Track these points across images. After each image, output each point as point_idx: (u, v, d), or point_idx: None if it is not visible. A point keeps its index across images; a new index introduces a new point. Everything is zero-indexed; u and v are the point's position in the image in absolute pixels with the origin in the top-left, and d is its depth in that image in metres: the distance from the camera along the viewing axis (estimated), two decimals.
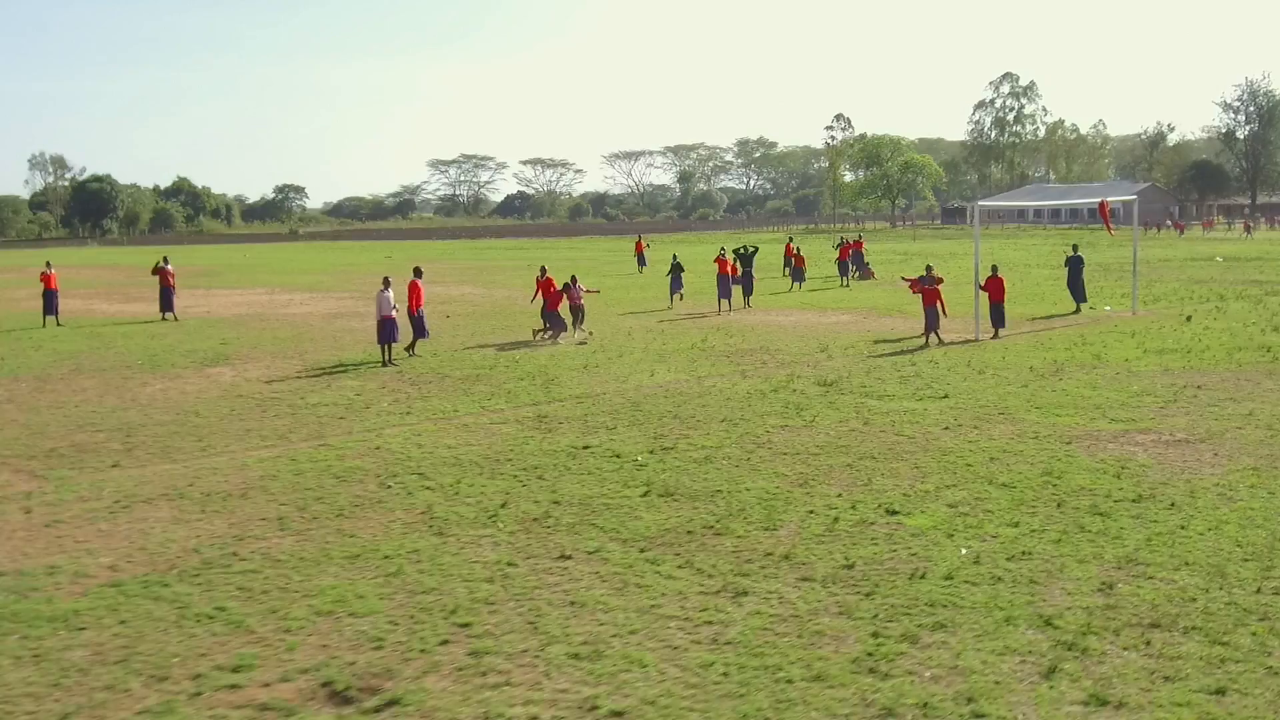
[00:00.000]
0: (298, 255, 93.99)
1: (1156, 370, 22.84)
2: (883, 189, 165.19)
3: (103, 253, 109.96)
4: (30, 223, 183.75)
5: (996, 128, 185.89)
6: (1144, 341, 27.22)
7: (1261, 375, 22.08)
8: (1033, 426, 17.57)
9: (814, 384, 22.05)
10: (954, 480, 14.39)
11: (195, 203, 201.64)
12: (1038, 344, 27.29)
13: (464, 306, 40.84)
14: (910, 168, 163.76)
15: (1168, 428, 17.36)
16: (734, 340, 29.01)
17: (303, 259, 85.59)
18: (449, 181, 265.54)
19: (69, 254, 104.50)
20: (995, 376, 22.52)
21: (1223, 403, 19.30)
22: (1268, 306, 35.00)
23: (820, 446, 16.45)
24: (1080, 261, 34.93)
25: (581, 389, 21.85)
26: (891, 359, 25.48)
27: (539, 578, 10.87)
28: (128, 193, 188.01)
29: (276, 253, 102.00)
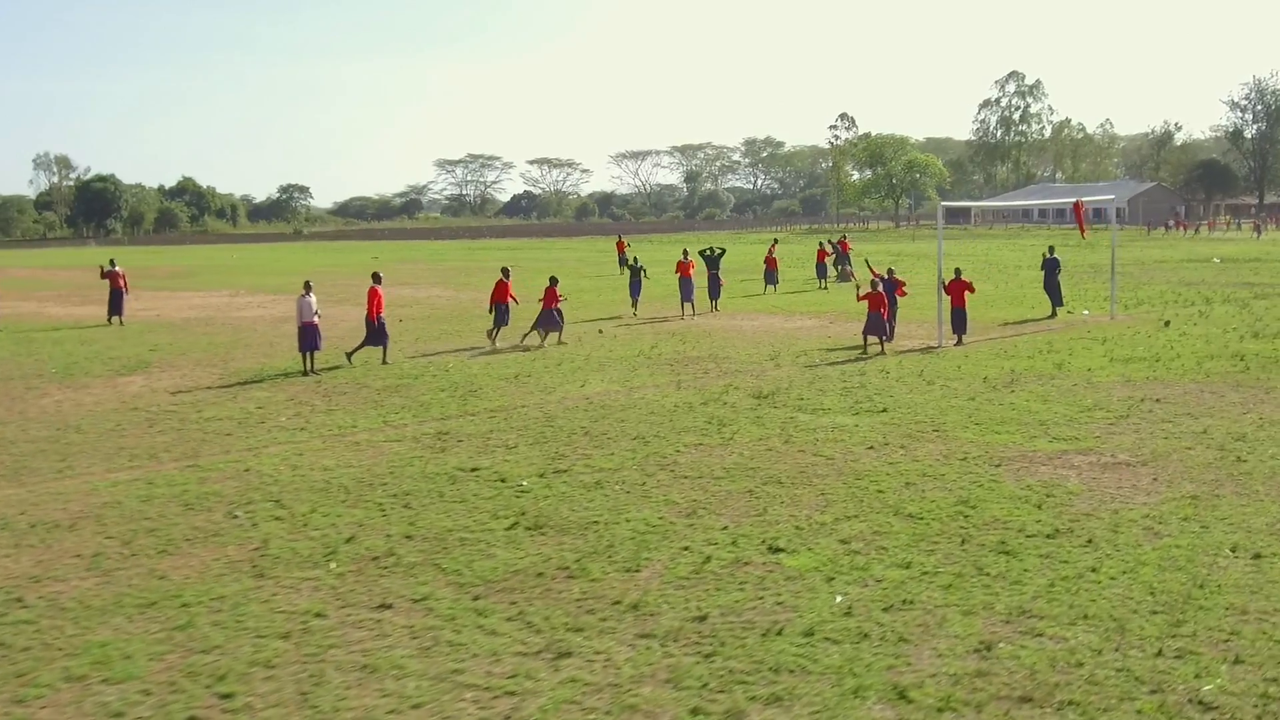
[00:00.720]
0: (288, 256, 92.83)
1: (1118, 381, 21.40)
2: (886, 189, 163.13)
3: (99, 253, 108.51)
4: (36, 222, 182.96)
5: (1002, 127, 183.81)
6: (1113, 349, 25.75)
7: (1228, 387, 20.57)
8: (965, 446, 16.15)
9: (748, 396, 20.65)
10: (857, 510, 12.93)
11: (200, 203, 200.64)
12: (1000, 351, 25.83)
13: (424, 310, 39.51)
14: (914, 167, 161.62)
15: (1111, 447, 15.92)
16: (684, 347, 27.60)
17: (290, 260, 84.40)
18: (456, 181, 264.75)
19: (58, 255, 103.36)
20: (944, 388, 21.08)
21: (1178, 418, 17.85)
22: (1253, 311, 33.45)
23: (728, 469, 15.01)
24: (1056, 264, 33.47)
25: (501, 401, 20.44)
26: (842, 368, 24.34)
27: (343, 633, 9.46)
28: (132, 193, 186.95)
29: (267, 253, 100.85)
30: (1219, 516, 12.50)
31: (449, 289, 49.30)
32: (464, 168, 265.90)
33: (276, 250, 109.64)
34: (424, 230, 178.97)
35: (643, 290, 36.67)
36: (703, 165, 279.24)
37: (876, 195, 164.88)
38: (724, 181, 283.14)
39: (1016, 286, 43.51)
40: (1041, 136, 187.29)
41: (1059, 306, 33.57)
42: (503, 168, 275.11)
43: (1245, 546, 11.38)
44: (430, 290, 49.03)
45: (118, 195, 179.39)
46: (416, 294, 47.10)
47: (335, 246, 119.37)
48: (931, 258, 64.86)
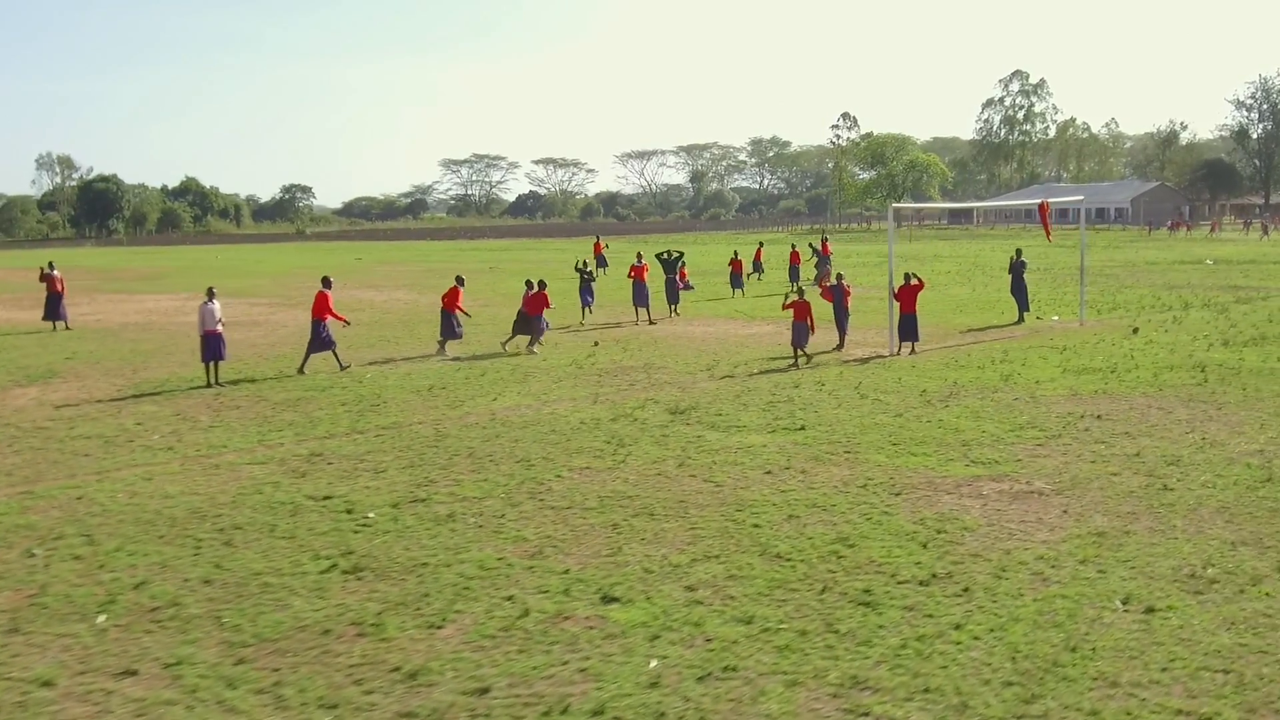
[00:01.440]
0: (273, 256, 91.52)
1: (1063, 395, 20.02)
2: (888, 189, 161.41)
3: (93, 254, 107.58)
4: (39, 223, 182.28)
5: (1006, 126, 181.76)
6: (1070, 359, 24.35)
7: (1179, 402, 19.17)
8: (872, 470, 14.79)
9: (664, 411, 19.28)
10: (722, 548, 11.52)
11: (203, 203, 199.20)
12: (951, 361, 24.48)
13: (375, 314, 38.12)
14: (915, 167, 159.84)
15: (1030, 472, 14.53)
16: (623, 356, 26.28)
17: (273, 261, 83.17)
18: (461, 181, 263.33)
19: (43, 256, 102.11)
20: (875, 403, 19.66)
21: (1114, 438, 16.44)
22: (1230, 316, 31.97)
23: (603, 498, 13.63)
24: (1023, 267, 31.82)
25: (399, 417, 19.08)
26: (778, 379, 23.22)
27: (59, 708, 8.03)
28: (134, 193, 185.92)
29: (254, 254, 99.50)
30: (1122, 558, 11.05)
31: (414, 292, 47.75)
32: (469, 168, 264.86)
33: (267, 251, 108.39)
34: (427, 230, 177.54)
35: (595, 296, 34.82)
36: (708, 165, 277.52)
37: (878, 195, 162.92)
38: (730, 181, 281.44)
39: (995, 290, 42.07)
40: (1046, 136, 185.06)
41: (1025, 312, 31.95)
42: (508, 168, 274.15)
43: (1140, 597, 9.95)
44: (394, 293, 47.73)
45: (119, 195, 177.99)
46: (378, 297, 45.86)
47: (329, 247, 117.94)
48: (920, 259, 63.40)
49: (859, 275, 53.00)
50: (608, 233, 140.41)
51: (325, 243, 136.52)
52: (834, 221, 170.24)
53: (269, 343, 30.00)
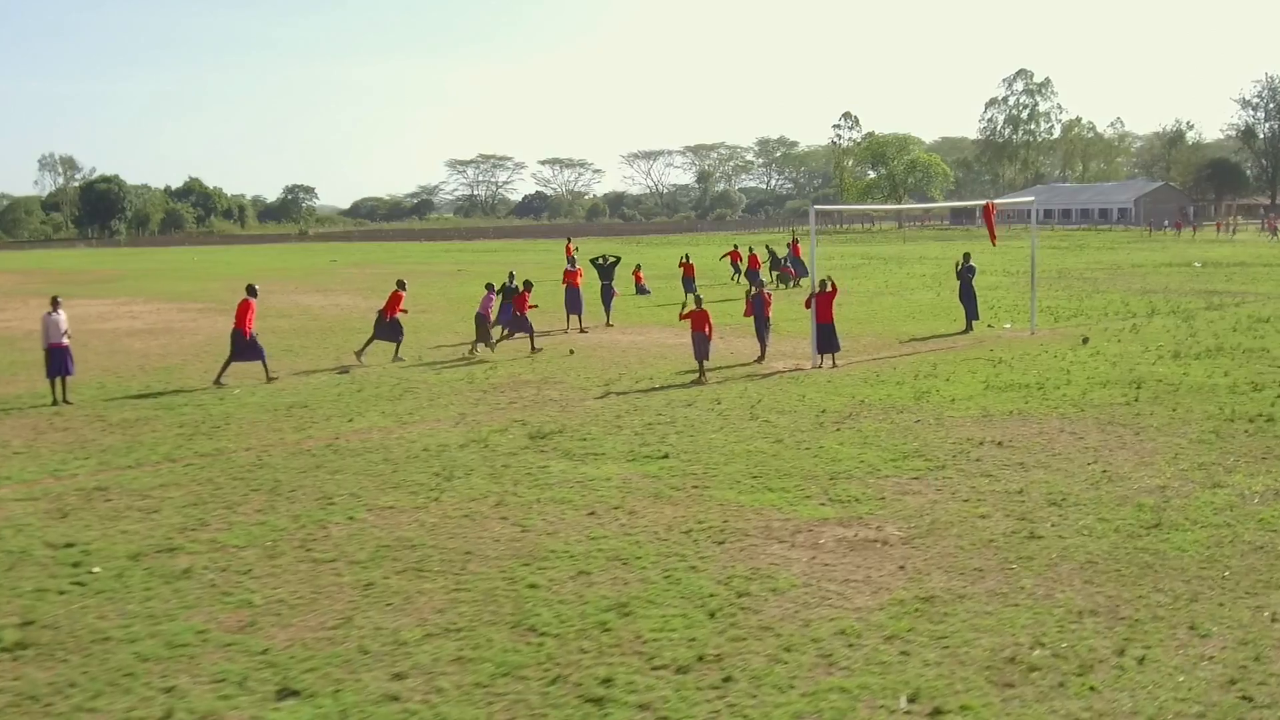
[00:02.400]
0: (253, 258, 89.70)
1: (973, 416, 18.19)
2: (889, 189, 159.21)
3: (78, 255, 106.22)
4: (43, 223, 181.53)
5: (1010, 126, 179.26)
6: (1000, 373, 22.41)
7: (1097, 425, 17.38)
8: (710, 511, 12.96)
9: (525, 436, 17.24)
10: (472, 618, 9.81)
11: (206, 203, 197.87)
12: (871, 375, 22.70)
13: (299, 321, 36.17)
14: (916, 167, 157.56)
15: (890, 514, 12.69)
16: (524, 369, 24.56)
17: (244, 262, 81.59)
18: (467, 182, 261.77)
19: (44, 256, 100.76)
20: (763, 425, 17.79)
21: (1005, 469, 14.57)
22: (1194, 324, 29.97)
23: (383, 547, 12.06)
24: (971, 272, 29.72)
25: (231, 443, 17.27)
26: (674, 394, 21.47)
27: None
28: (136, 193, 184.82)
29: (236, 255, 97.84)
30: (938, 634, 9.11)
31: (361, 297, 45.84)
32: (475, 168, 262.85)
33: (253, 252, 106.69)
34: (432, 231, 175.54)
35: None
36: (715, 165, 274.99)
37: (879, 195, 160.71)
38: (737, 182, 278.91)
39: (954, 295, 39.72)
40: (1050, 136, 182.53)
41: (974, 320, 29.86)
42: (514, 168, 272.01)
43: (932, 693, 8.06)
44: (338, 298, 45.77)
45: (121, 196, 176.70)
46: (318, 302, 44.01)
47: (322, 248, 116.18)
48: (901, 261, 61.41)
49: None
50: (613, 234, 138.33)
51: (324, 243, 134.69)
52: (836, 223, 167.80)
53: (163, 354, 28.21)
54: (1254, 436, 16.40)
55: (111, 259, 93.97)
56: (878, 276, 53.07)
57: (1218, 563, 10.88)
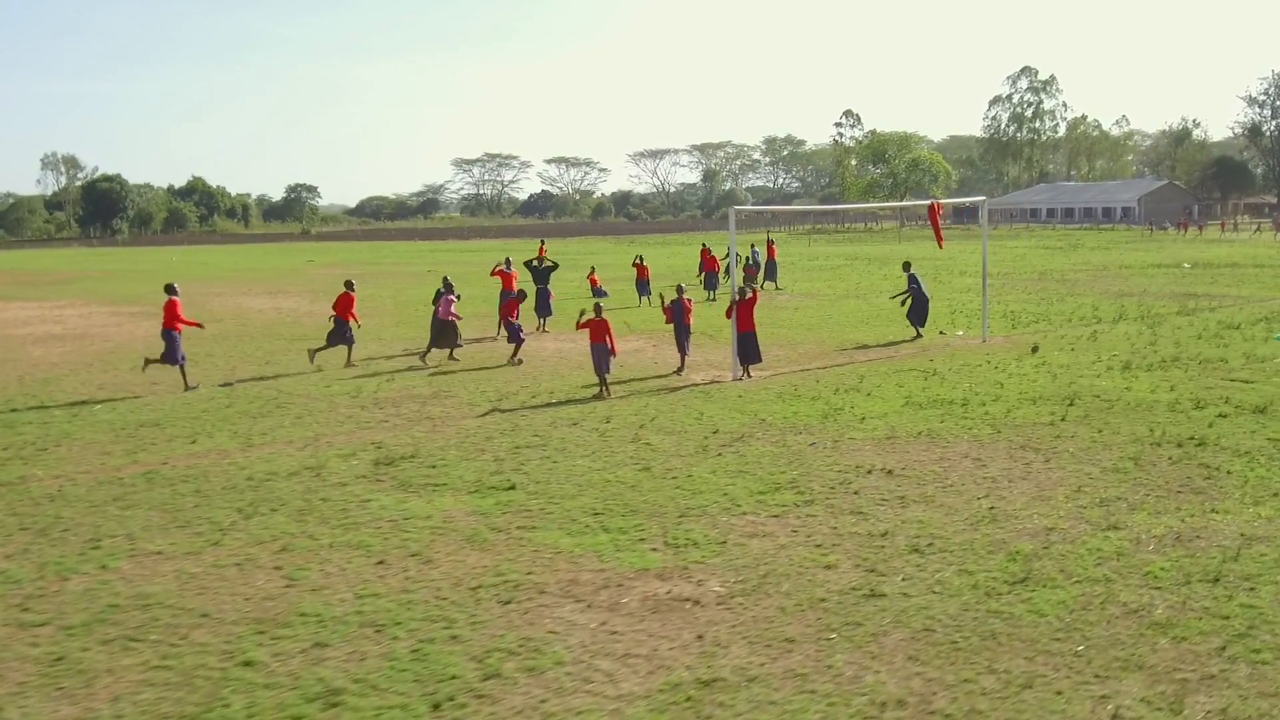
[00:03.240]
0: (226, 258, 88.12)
1: (875, 439, 16.86)
2: (890, 187, 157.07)
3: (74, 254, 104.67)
4: (46, 222, 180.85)
5: (1014, 124, 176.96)
6: (928, 387, 20.79)
7: (1008, 449, 15.82)
8: (520, 559, 11.56)
9: (372, 461, 15.40)
10: (145, 711, 7.63)
11: (209, 202, 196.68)
12: (788, 389, 21.27)
13: (233, 326, 34.56)
14: (918, 165, 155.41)
15: (723, 562, 11.21)
16: (422, 383, 22.90)
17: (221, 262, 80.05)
18: (473, 181, 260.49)
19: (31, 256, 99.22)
20: (641, 448, 16.12)
21: (882, 505, 12.99)
22: (1158, 331, 28.22)
23: (114, 607, 10.62)
24: (915, 282, 27.72)
25: (46, 468, 16.03)
26: (561, 412, 19.73)
27: None
28: (138, 192, 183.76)
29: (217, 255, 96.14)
30: None
31: (312, 300, 44.14)
32: (481, 167, 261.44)
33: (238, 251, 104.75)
34: (436, 230, 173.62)
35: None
36: (722, 164, 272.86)
37: (881, 194, 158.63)
38: (744, 180, 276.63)
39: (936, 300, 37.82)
40: (1055, 134, 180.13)
41: (922, 327, 27.89)
42: (520, 167, 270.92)
43: None
44: (287, 301, 44.01)
45: (123, 195, 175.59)
46: (261, 305, 42.31)
47: (317, 247, 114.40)
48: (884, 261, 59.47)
49: (805, 281, 49.07)
50: (618, 232, 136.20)
51: (323, 243, 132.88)
52: (838, 221, 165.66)
53: (57, 363, 26.83)
54: (1176, 464, 14.50)
55: (94, 259, 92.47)
56: (853, 278, 51.24)
57: (1076, 632, 9.00)
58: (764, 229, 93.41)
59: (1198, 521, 12.07)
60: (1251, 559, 10.76)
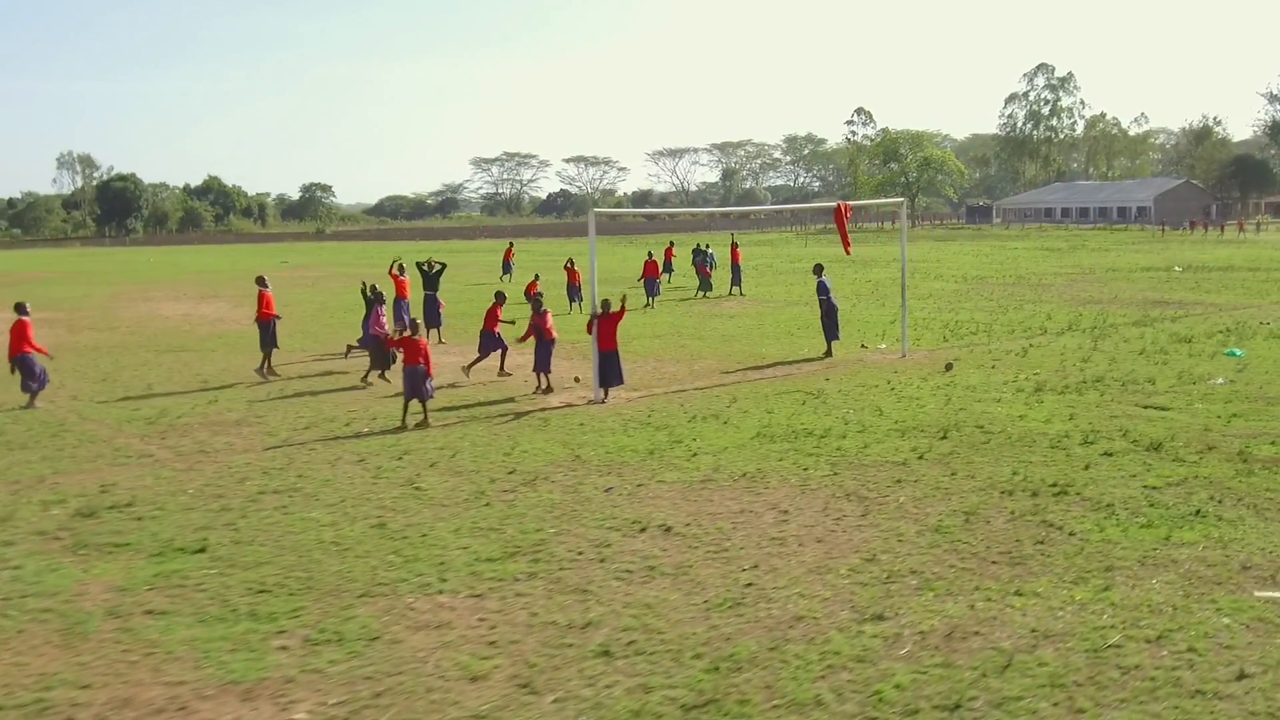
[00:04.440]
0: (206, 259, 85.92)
1: (691, 481, 14.59)
2: (901, 186, 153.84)
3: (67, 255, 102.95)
4: (64, 221, 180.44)
5: (1030, 122, 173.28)
6: (796, 413, 18.92)
7: (831, 497, 13.73)
8: (84, 667, 9.40)
9: (71, 513, 13.19)
10: None
11: (225, 202, 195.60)
12: (637, 417, 19.12)
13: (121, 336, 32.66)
14: (930, 164, 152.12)
15: (339, 674, 8.99)
16: (240, 407, 20.62)
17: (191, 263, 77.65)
18: (492, 180, 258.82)
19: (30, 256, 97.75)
20: (407, 495, 14.12)
21: (606, 585, 10.92)
22: (1101, 345, 26.25)
23: None
24: (825, 290, 24.95)
25: None
26: (362, 445, 17.28)
27: None
28: (153, 192, 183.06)
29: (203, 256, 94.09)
30: None
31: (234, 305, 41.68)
32: (500, 166, 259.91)
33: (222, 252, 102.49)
34: (454, 229, 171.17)
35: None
36: (742, 162, 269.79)
37: (893, 193, 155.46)
38: (765, 179, 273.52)
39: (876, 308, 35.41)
40: (1073, 132, 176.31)
41: (834, 340, 25.14)
42: (539, 166, 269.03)
43: None
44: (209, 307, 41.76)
45: (138, 195, 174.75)
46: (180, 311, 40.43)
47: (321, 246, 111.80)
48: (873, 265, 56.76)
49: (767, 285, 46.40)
50: (635, 231, 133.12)
51: (336, 242, 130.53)
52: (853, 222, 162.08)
53: None
54: (1014, 522, 11.84)
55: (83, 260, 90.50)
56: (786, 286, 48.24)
57: None
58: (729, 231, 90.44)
59: (990, 608, 9.44)
60: (1021, 673, 8.16)
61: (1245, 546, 11.07)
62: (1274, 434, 16.07)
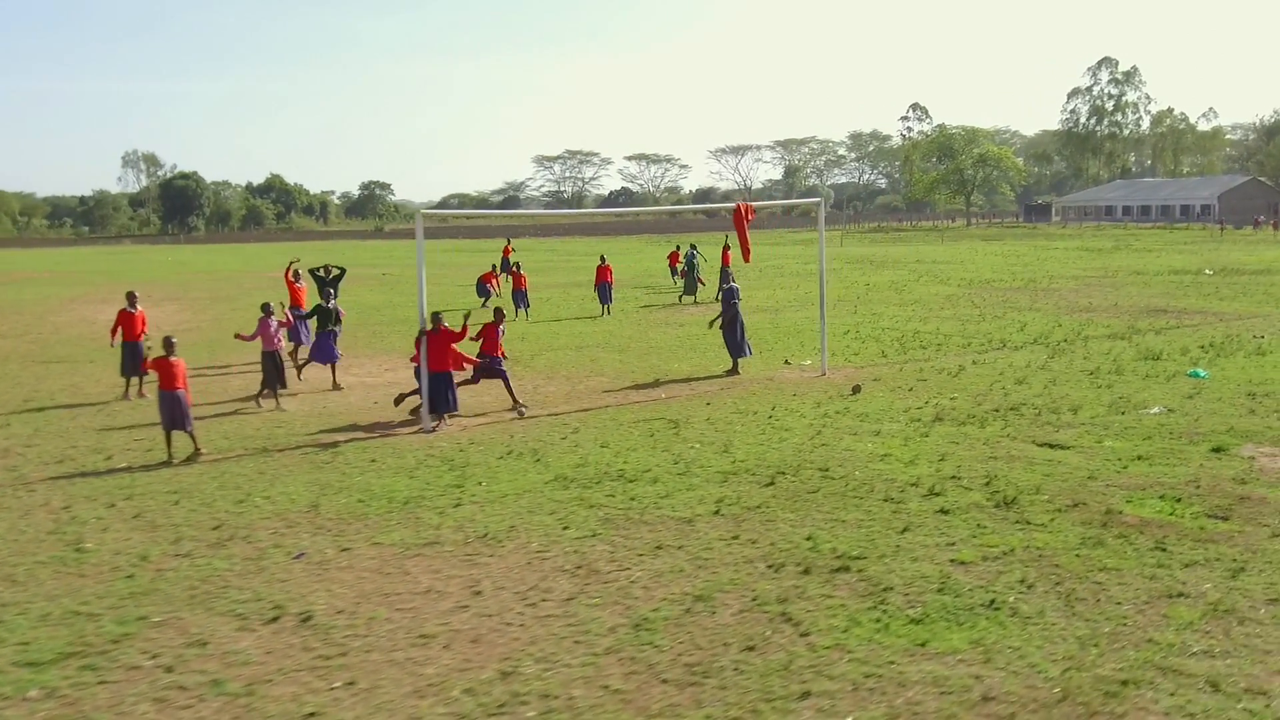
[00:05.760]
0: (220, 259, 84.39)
1: (406, 546, 12.09)
2: (956, 184, 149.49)
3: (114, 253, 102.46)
4: (131, 219, 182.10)
5: (1094, 117, 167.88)
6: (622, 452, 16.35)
7: (546, 575, 11.39)
8: None
9: None
10: None
11: (287, 200, 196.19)
12: (445, 452, 16.58)
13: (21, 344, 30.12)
14: (986, 161, 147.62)
15: None
16: (22, 432, 17.59)
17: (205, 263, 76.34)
18: (554, 178, 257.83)
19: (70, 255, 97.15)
20: (59, 563, 12.00)
21: (144, 708, 7.74)
22: (1051, 364, 23.54)
23: None
24: (732, 295, 22.10)
25: None
26: (96, 484, 14.87)
27: None
28: (215, 190, 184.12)
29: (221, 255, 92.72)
30: None
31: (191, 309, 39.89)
32: (561, 164, 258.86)
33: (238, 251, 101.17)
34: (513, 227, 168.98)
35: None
36: (806, 160, 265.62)
37: (946, 190, 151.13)
38: (829, 176, 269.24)
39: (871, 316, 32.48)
40: (1138, 128, 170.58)
41: (741, 357, 22.29)
42: (601, 164, 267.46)
43: None
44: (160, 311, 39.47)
45: (199, 193, 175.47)
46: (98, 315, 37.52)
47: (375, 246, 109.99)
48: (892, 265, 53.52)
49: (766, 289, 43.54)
50: (694, 230, 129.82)
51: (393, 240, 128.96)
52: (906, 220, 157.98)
53: None
54: (746, 614, 9.74)
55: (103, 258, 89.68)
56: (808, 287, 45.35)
57: None
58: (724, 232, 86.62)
59: None
60: None
61: (1012, 661, 8.34)
62: (1167, 485, 13.09)
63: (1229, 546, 10.95)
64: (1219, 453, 14.90)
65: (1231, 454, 14.78)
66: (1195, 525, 11.70)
